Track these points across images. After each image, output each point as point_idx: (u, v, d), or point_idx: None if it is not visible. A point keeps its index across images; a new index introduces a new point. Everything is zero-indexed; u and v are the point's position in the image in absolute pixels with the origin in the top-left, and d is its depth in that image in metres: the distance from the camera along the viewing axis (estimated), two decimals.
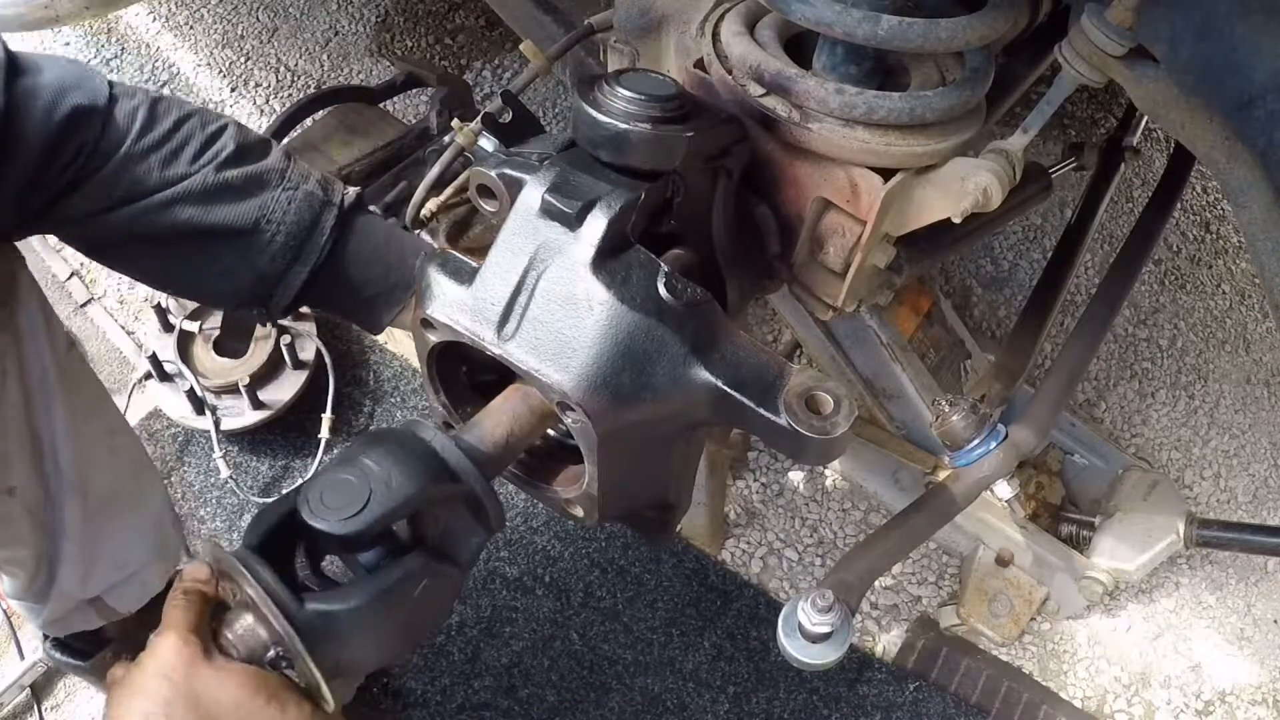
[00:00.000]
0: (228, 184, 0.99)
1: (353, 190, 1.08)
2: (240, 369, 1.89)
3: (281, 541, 0.88)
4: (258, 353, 1.90)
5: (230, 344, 1.14)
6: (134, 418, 1.98)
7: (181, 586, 0.89)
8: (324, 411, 1.91)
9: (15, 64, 0.91)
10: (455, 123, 1.34)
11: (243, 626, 0.87)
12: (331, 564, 0.93)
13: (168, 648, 0.84)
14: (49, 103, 0.91)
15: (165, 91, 2.47)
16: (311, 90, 2.43)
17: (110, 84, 0.97)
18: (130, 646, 1.54)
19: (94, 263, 2.16)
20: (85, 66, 0.97)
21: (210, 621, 0.88)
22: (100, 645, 1.55)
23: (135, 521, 1.39)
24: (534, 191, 0.90)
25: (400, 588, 0.86)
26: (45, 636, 1.58)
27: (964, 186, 0.99)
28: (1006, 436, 1.26)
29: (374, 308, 1.08)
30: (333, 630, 0.85)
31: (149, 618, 1.55)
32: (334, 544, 0.86)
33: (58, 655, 1.57)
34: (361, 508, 0.82)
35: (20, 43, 2.64)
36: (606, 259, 0.87)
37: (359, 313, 1.09)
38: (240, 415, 1.89)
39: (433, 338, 0.95)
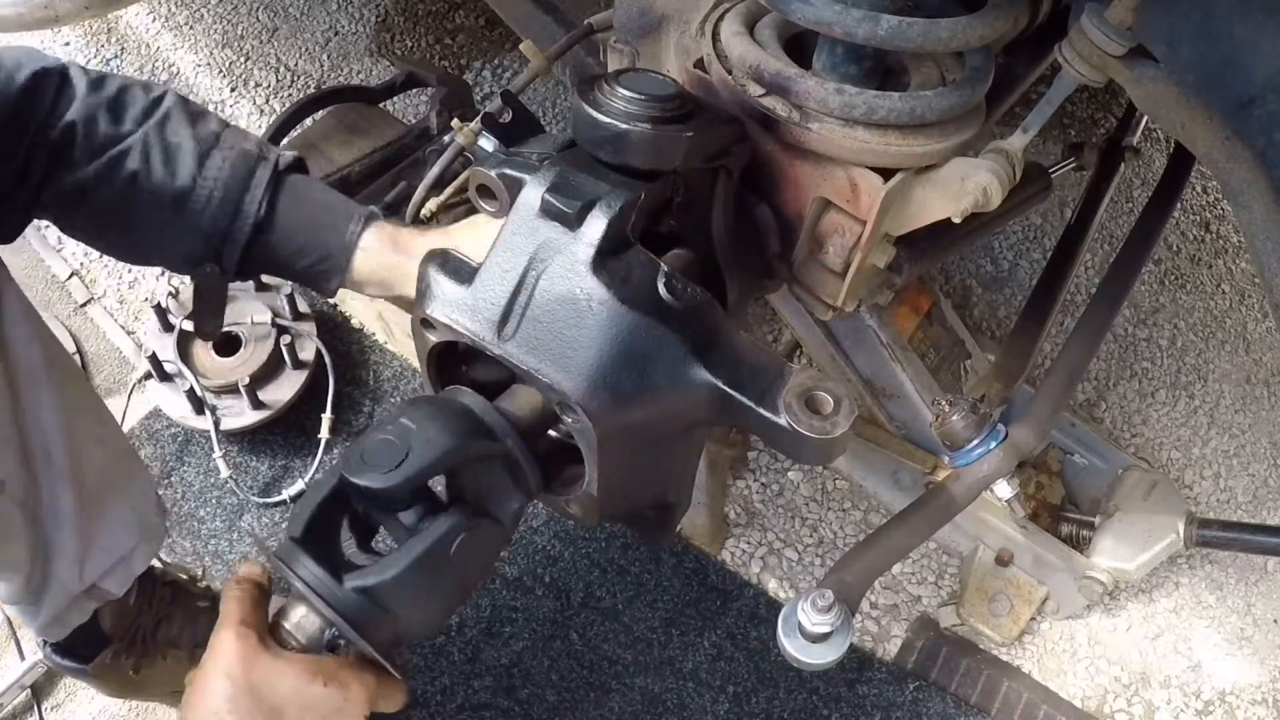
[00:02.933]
0: (166, 143, 1.04)
1: (290, 153, 1.11)
2: (240, 369, 1.89)
3: (327, 525, 0.91)
4: (258, 353, 1.90)
5: (203, 320, 1.16)
6: (134, 418, 1.98)
7: (236, 577, 0.95)
8: (324, 411, 1.92)
9: None
10: (455, 123, 1.34)
11: (298, 615, 0.92)
12: (382, 541, 0.96)
13: (225, 646, 0.89)
14: (9, 71, 0.99)
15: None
16: (311, 90, 2.43)
17: (61, 61, 1.04)
18: (130, 645, 1.55)
19: (94, 263, 2.19)
20: (38, 50, 1.04)
21: (271, 614, 0.94)
22: (100, 645, 1.55)
23: (124, 506, 1.41)
24: (534, 191, 0.90)
25: (438, 547, 0.89)
26: (44, 641, 1.58)
27: (964, 186, 0.99)
28: (1006, 436, 1.26)
29: (320, 270, 1.11)
30: (379, 604, 0.88)
31: (146, 610, 1.57)
32: (375, 500, 0.90)
33: (58, 659, 1.57)
34: (400, 462, 0.85)
35: (20, 42, 2.65)
36: (606, 259, 0.88)
37: (308, 274, 1.12)
38: (240, 415, 1.89)
39: (433, 338, 0.95)
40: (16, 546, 1.26)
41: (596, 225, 0.87)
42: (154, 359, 1.89)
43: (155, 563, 1.57)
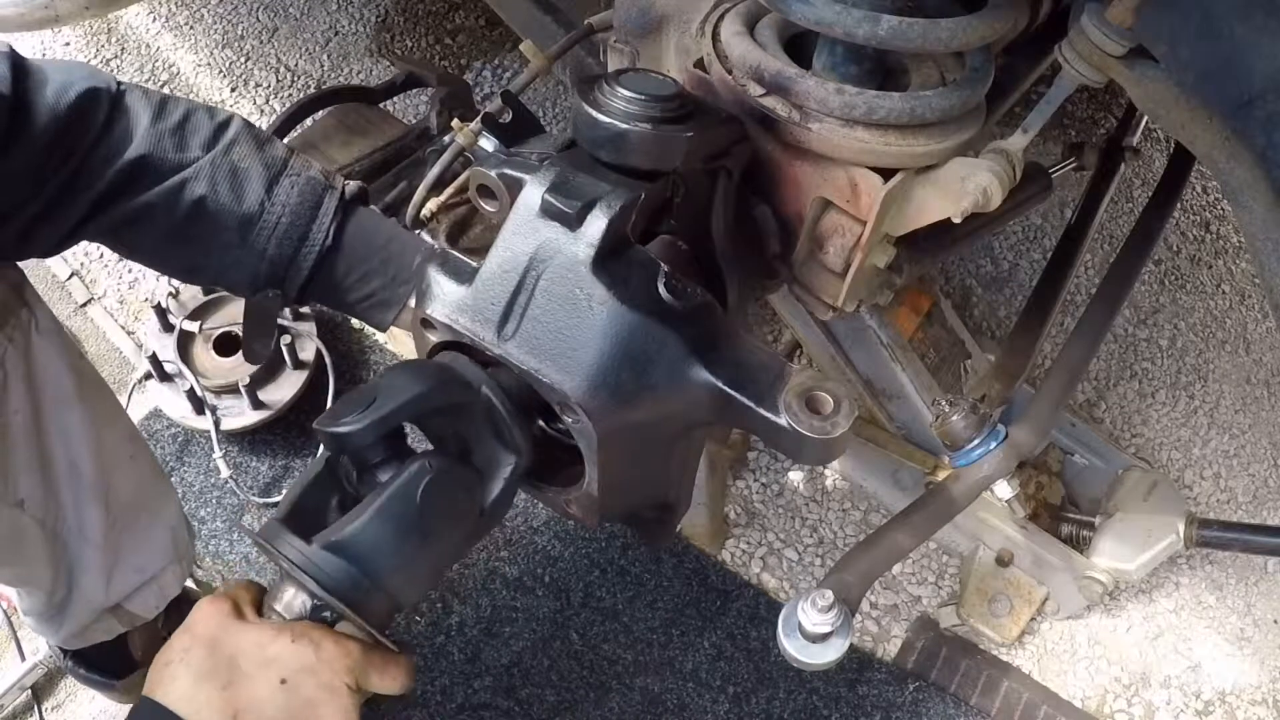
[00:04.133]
0: (234, 168, 1.02)
1: (354, 183, 1.10)
2: (240, 369, 1.89)
3: (314, 507, 0.90)
4: None
5: (254, 345, 1.14)
6: (134, 418, 1.97)
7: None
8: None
9: (22, 62, 0.95)
10: (455, 123, 1.34)
11: (287, 596, 0.90)
12: None
13: (197, 609, 0.88)
14: (58, 89, 0.95)
15: (165, 91, 2.48)
16: (311, 90, 2.43)
17: (119, 81, 1.01)
18: None
19: (94, 262, 2.18)
20: (93, 67, 1.01)
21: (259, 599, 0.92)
22: (130, 666, 1.55)
23: (154, 525, 1.41)
24: (534, 191, 0.90)
25: (404, 491, 0.86)
26: (64, 653, 1.58)
27: (964, 186, 0.99)
28: (1006, 436, 1.25)
29: (379, 300, 1.10)
30: (360, 568, 0.84)
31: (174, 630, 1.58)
32: (344, 449, 0.88)
33: (84, 672, 1.57)
34: (362, 410, 0.84)
35: (20, 42, 2.64)
36: (607, 259, 0.87)
37: (365, 306, 1.10)
38: (240, 415, 1.89)
39: (433, 337, 0.95)
40: (37, 563, 1.28)
41: (596, 225, 0.87)
42: (154, 359, 1.89)
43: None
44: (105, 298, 2.17)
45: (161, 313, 1.95)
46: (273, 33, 2.62)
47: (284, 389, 1.92)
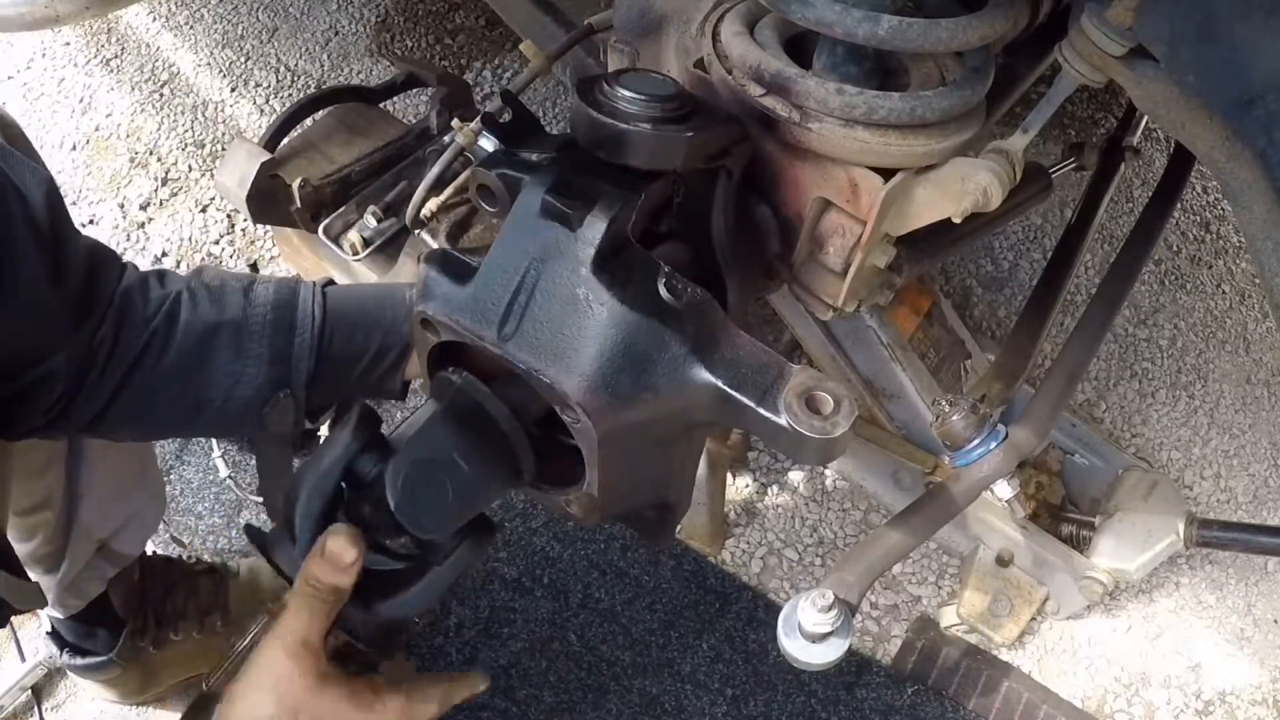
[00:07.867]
0: (208, 285, 1.08)
1: (322, 277, 1.15)
2: None
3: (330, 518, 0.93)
4: None
5: (271, 496, 1.19)
6: None
7: (314, 571, 0.90)
8: None
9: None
10: (455, 123, 1.34)
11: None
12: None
13: (277, 664, 0.89)
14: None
15: (165, 91, 2.48)
16: (311, 90, 2.43)
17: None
18: (144, 624, 1.61)
19: None
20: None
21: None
22: (116, 631, 1.59)
23: (133, 457, 1.48)
24: (534, 191, 0.89)
25: (458, 573, 0.94)
26: (61, 647, 1.59)
27: (964, 186, 0.99)
28: (1006, 436, 1.25)
29: (389, 359, 1.12)
30: (403, 623, 0.94)
31: (149, 586, 1.64)
32: (418, 538, 0.93)
33: (80, 662, 1.60)
34: (449, 517, 0.90)
35: (20, 42, 2.62)
36: (607, 259, 0.87)
37: (378, 371, 1.12)
38: None
39: (432, 337, 0.95)
40: (56, 473, 1.33)
41: (596, 226, 0.87)
42: None
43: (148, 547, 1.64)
44: None
45: None
46: (273, 33, 2.62)
47: None
